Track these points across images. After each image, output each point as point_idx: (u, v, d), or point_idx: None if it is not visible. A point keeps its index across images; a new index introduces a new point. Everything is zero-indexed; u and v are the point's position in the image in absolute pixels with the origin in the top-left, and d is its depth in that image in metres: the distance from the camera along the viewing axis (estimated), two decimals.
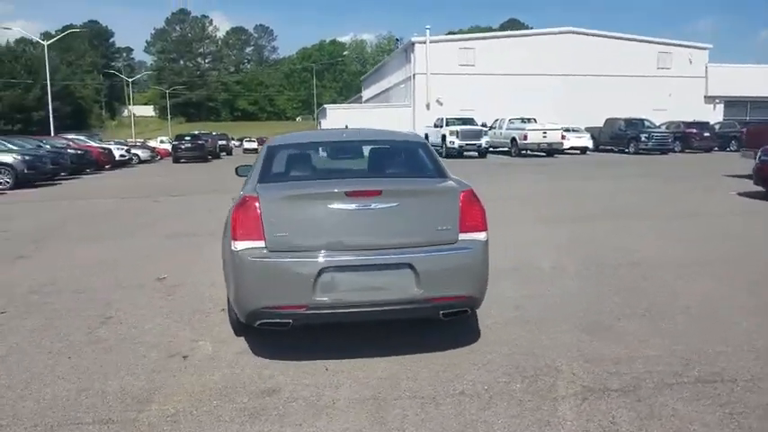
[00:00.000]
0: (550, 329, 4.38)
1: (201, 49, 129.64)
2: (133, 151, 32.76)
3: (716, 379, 3.50)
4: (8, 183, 16.81)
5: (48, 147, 21.94)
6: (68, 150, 22.67)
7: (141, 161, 33.26)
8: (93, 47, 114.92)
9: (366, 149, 4.66)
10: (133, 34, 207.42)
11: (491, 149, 30.54)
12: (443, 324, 4.20)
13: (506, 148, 29.80)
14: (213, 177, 21.16)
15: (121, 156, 29.58)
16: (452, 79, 36.87)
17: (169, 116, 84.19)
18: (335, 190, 3.68)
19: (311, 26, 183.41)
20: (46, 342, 4.26)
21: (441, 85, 36.79)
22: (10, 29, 56.88)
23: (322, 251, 3.56)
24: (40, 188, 17.53)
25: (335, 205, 3.61)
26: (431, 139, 31.83)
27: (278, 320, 3.59)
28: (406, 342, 4.10)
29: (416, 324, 4.32)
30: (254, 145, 56.70)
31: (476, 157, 28.38)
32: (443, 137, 28.71)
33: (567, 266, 6.37)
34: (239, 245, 3.58)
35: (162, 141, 47.36)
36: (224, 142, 46.55)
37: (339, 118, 37.70)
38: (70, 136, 29.18)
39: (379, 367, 3.72)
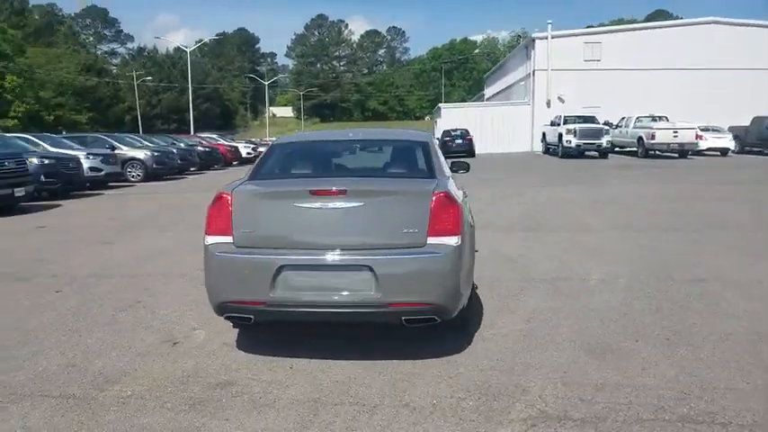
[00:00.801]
0: (550, 346, 4.04)
1: (337, 53, 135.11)
2: (260, 149, 34.93)
3: (705, 419, 3.02)
4: (139, 176, 18.78)
5: (181, 144, 24.15)
6: (198, 148, 24.76)
7: None
8: (240, 52, 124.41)
9: (365, 149, 4.60)
10: (277, 40, 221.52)
11: (617, 149, 28.69)
12: (436, 331, 4.07)
13: (634, 149, 27.76)
14: None
15: (248, 153, 31.75)
16: (576, 75, 34.96)
17: (302, 117, 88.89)
18: (301, 188, 3.68)
19: (446, 25, 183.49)
20: (72, 320, 4.71)
21: (563, 82, 35.01)
22: (159, 38, 63.38)
23: (284, 249, 3.58)
24: (166, 181, 19.36)
25: (300, 204, 3.61)
26: (548, 138, 30.61)
27: (241, 315, 3.67)
28: (389, 347, 4.00)
29: (410, 330, 4.14)
30: None
31: (596, 158, 26.79)
32: (560, 136, 27.39)
33: (617, 279, 5.82)
34: (210, 239, 3.72)
35: None
36: None
37: (453, 117, 37.36)
38: (204, 135, 31.89)
39: (343, 370, 3.67)
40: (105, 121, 59.09)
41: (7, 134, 17.45)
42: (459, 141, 31.86)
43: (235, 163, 29.78)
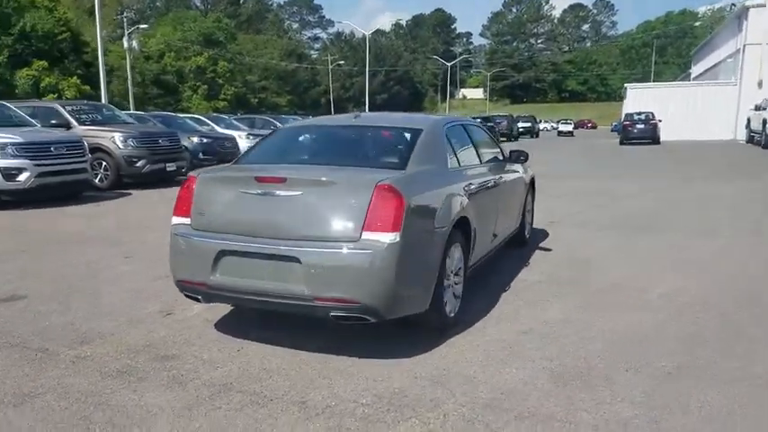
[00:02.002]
0: (516, 364, 3.59)
1: (536, 30, 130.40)
2: None
3: None
4: None
5: None
6: None
7: None
8: (435, 34, 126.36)
9: (356, 136, 4.46)
10: (475, 19, 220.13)
11: None
12: (414, 334, 3.95)
13: None
14: None
15: None
16: None
17: (488, 98, 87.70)
18: (248, 174, 3.71)
19: None
20: (114, 284, 5.30)
21: None
22: (341, 22, 66.96)
23: (227, 234, 3.66)
24: None
25: (245, 190, 3.66)
26: (752, 124, 26.28)
27: (192, 294, 3.85)
28: (354, 341, 3.88)
29: (392, 326, 3.91)
30: (570, 128, 54.78)
31: None
32: (764, 122, 23.35)
33: (681, 295, 4.91)
34: (174, 220, 3.94)
35: None
36: (528, 124, 46.47)
37: (641, 99, 33.83)
38: None
39: (283, 359, 3.65)
40: (302, 103, 64.48)
41: (180, 114, 19.90)
42: (641, 126, 28.89)
43: None
